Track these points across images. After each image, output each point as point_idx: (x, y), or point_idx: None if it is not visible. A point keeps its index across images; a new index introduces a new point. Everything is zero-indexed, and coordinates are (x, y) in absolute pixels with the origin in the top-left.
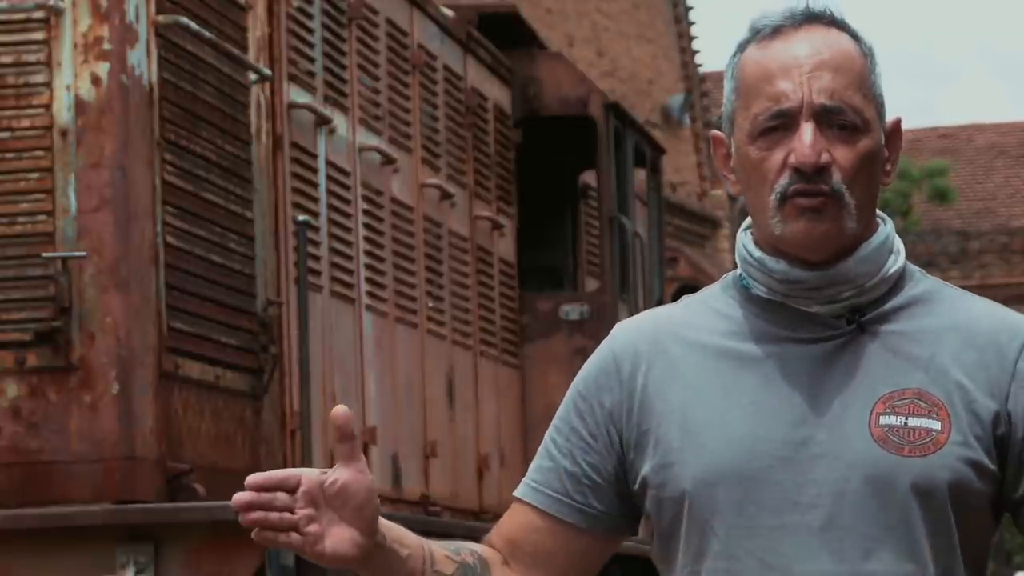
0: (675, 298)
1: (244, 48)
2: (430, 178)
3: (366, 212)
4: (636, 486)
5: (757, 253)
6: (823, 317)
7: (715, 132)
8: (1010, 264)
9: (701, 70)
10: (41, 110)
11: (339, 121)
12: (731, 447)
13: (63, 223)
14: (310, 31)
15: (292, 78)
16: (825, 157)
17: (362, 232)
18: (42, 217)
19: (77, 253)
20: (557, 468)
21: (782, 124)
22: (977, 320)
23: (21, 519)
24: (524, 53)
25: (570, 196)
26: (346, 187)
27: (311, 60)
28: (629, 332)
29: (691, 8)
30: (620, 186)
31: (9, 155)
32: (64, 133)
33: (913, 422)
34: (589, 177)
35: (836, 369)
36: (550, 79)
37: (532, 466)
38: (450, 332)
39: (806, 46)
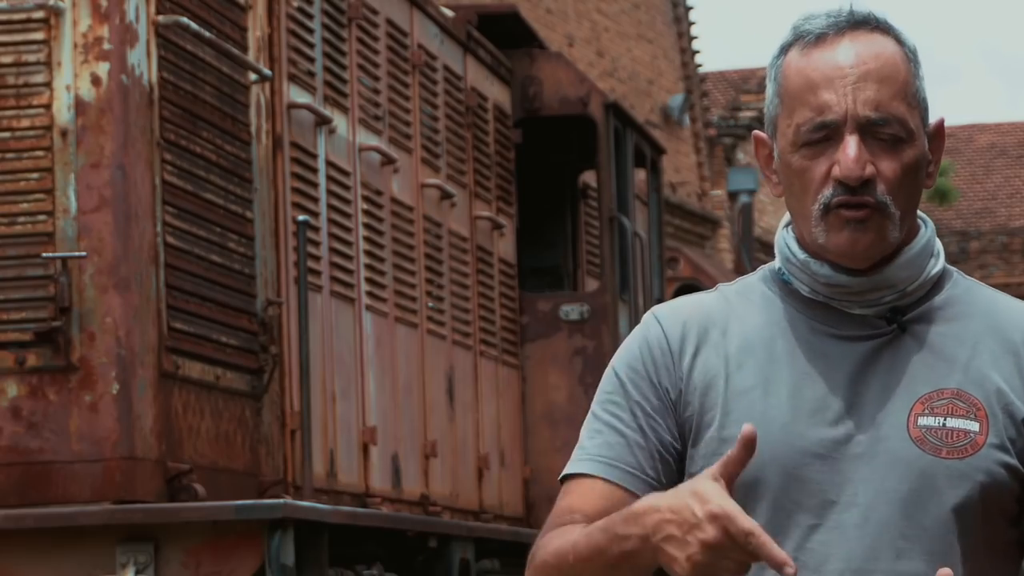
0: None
1: (244, 48)
2: (430, 178)
3: (366, 212)
4: (688, 470)
5: (802, 256)
6: (865, 317)
7: (757, 132)
8: (1010, 264)
9: (701, 70)
10: (41, 110)
11: (339, 121)
12: (770, 444)
13: (63, 223)
14: (310, 31)
15: (292, 78)
16: (869, 170)
17: (362, 232)
18: (42, 217)
19: (77, 253)
20: (628, 443)
21: (825, 136)
22: (1015, 325)
23: (21, 519)
24: (524, 53)
25: (570, 196)
26: (346, 187)
27: (311, 60)
28: (676, 314)
29: (691, 8)
30: (620, 186)
31: (9, 155)
32: (64, 133)
33: (951, 423)
34: (589, 177)
35: (876, 369)
36: (550, 79)
37: (593, 443)
38: (450, 332)
39: (851, 55)
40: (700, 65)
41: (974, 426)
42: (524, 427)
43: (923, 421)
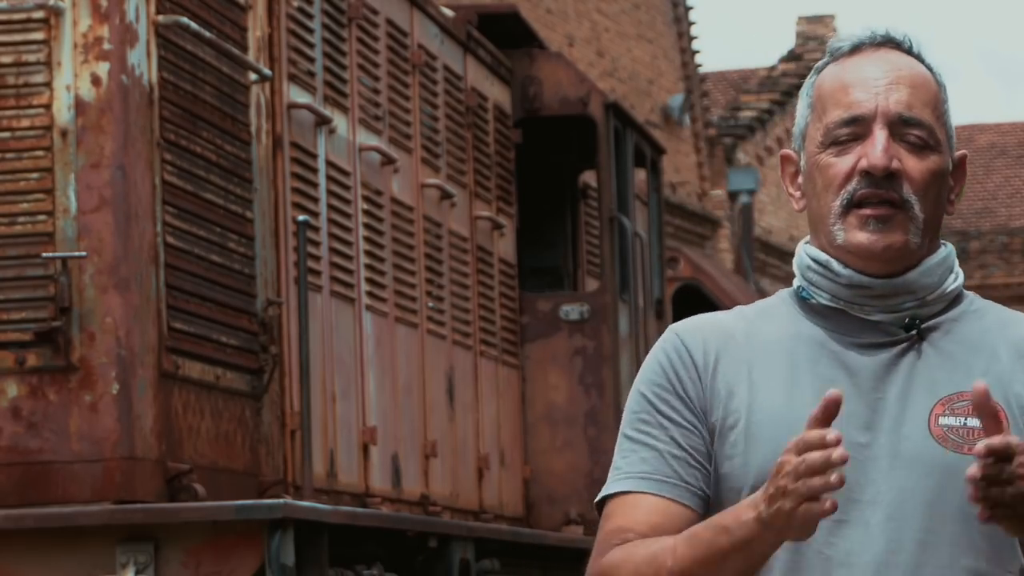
0: (675, 298)
1: (244, 48)
2: (430, 178)
3: (366, 212)
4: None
5: (824, 257)
6: (884, 325)
7: (785, 151)
8: (1010, 264)
9: (701, 70)
10: (41, 110)
11: (339, 121)
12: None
13: (63, 223)
14: (310, 31)
15: (292, 78)
16: (896, 164)
17: (362, 232)
18: (42, 217)
19: (77, 253)
20: (662, 455)
21: (854, 133)
22: None
23: (21, 519)
24: (524, 53)
25: (570, 196)
26: (346, 187)
27: (311, 60)
28: (695, 330)
29: (691, 8)
30: (620, 186)
31: (9, 155)
32: (64, 133)
33: (972, 423)
34: (589, 177)
35: (896, 374)
36: (550, 79)
37: (627, 462)
38: (450, 332)
39: (884, 63)
40: (700, 65)
41: None
42: (524, 427)
43: (944, 420)
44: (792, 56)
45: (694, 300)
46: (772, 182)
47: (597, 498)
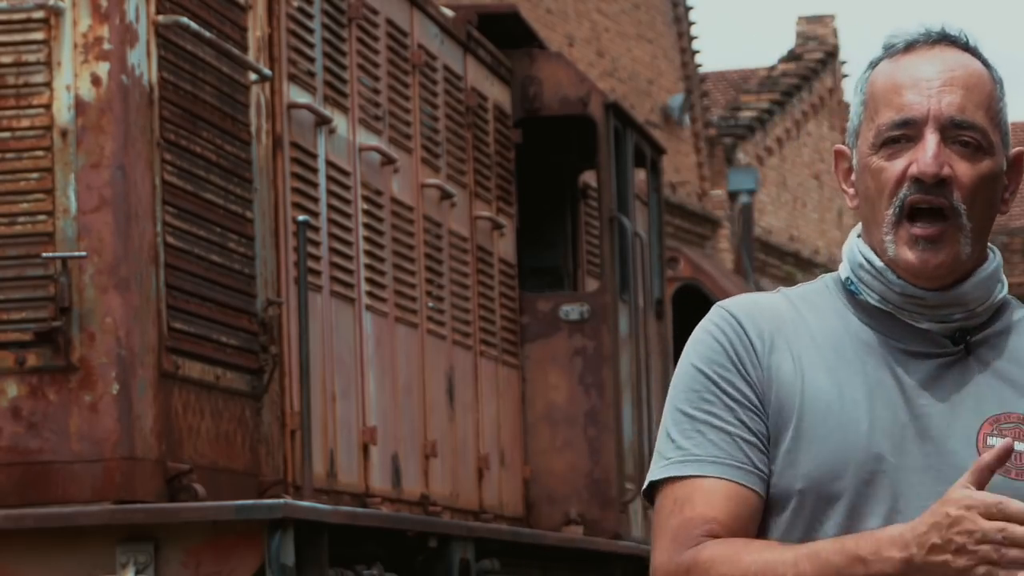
0: (675, 298)
1: (244, 48)
2: (430, 178)
3: (366, 212)
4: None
5: (880, 263)
6: (932, 334)
7: (839, 146)
8: (1010, 264)
9: (701, 70)
10: (41, 110)
11: (339, 121)
12: (848, 450)
13: (63, 223)
14: (310, 31)
15: (292, 78)
16: (946, 170)
17: (362, 232)
18: (42, 217)
19: (77, 253)
20: (734, 439)
21: (905, 135)
22: None
23: (21, 519)
24: (524, 53)
25: (570, 196)
26: (346, 187)
27: (311, 60)
28: (747, 310)
29: (691, 8)
30: (620, 186)
31: (9, 155)
32: (64, 133)
33: (1020, 447)
34: (589, 177)
35: (942, 387)
36: (550, 79)
37: (695, 443)
38: (450, 332)
39: (938, 63)
40: (700, 65)
41: None
42: (524, 427)
43: (992, 441)
44: (792, 56)
45: (694, 300)
46: (772, 182)
47: (658, 476)
